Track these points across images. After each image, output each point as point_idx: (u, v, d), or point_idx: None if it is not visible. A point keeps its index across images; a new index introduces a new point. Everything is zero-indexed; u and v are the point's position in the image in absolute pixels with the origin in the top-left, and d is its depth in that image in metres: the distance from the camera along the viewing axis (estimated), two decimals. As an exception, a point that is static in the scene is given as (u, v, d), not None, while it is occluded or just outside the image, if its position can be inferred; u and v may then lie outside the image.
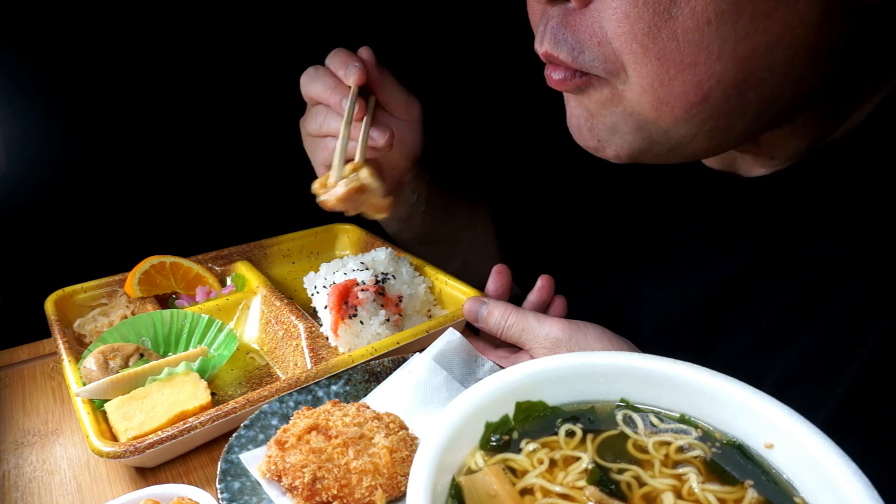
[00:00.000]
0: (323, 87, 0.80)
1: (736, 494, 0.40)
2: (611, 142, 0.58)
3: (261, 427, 0.63)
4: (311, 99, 0.84)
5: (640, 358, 0.48)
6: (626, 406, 0.48)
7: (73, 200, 1.15)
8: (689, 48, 0.47)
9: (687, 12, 0.46)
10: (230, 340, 0.79)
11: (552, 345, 0.69)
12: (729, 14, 0.45)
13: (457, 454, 0.43)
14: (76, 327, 0.83)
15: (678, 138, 0.54)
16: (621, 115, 0.55)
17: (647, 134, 0.55)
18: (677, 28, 0.46)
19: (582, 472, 0.42)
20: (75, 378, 0.69)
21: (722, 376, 0.45)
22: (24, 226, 1.11)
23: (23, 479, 0.64)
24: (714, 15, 0.45)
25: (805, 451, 0.39)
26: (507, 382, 0.46)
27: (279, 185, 1.32)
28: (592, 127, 0.59)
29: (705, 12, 0.45)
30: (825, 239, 0.61)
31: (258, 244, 1.04)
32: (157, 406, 0.65)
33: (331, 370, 0.71)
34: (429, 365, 0.69)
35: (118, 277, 0.89)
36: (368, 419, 0.61)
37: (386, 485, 0.55)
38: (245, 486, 0.57)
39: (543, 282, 0.81)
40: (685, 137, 0.54)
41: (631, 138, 0.56)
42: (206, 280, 0.92)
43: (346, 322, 0.77)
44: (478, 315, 0.76)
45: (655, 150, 0.57)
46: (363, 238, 1.09)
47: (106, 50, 1.09)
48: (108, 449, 0.59)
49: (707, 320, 0.71)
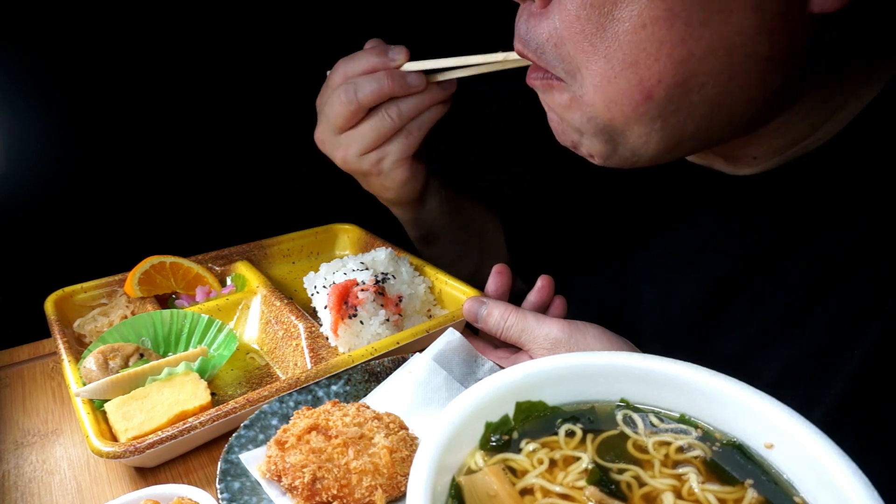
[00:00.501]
0: (375, 63, 0.80)
1: (736, 494, 0.40)
2: (581, 142, 0.62)
3: (261, 427, 0.63)
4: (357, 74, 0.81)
5: (640, 358, 0.48)
6: (626, 406, 0.48)
7: (73, 200, 1.15)
8: (630, 48, 0.51)
9: (626, 15, 0.50)
10: (230, 340, 0.79)
11: (551, 345, 0.70)
12: (664, 20, 0.49)
13: (457, 454, 0.43)
14: (76, 327, 0.83)
15: (634, 139, 0.58)
16: (581, 120, 0.59)
17: (608, 137, 0.59)
18: (619, 29, 0.51)
19: (582, 472, 0.42)
20: (75, 378, 0.69)
21: (722, 376, 0.45)
22: (24, 226, 1.11)
23: (23, 479, 0.64)
24: (649, 19, 0.50)
25: (805, 450, 0.39)
26: (507, 382, 0.46)
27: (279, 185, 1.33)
28: (564, 129, 0.63)
29: (641, 16, 0.50)
30: (822, 238, 0.61)
31: (258, 244, 1.04)
32: (157, 406, 0.65)
33: (331, 370, 0.71)
34: (429, 365, 0.69)
35: (118, 277, 0.89)
36: (368, 419, 0.61)
37: (386, 485, 0.55)
38: (245, 486, 0.57)
39: (543, 282, 0.81)
40: (640, 138, 0.57)
41: (595, 141, 0.60)
42: (206, 280, 0.92)
43: (346, 322, 0.77)
44: (477, 315, 0.76)
45: (620, 154, 0.60)
46: (363, 238, 1.09)
47: (106, 50, 1.09)
48: (108, 449, 0.59)
49: (703, 319, 0.71)
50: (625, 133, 0.57)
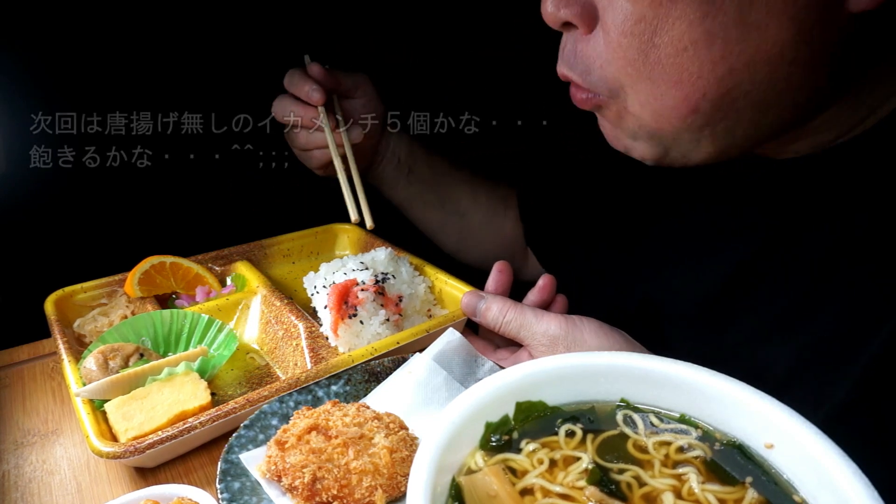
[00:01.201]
0: (295, 112, 0.94)
1: (736, 494, 0.40)
2: (635, 146, 0.65)
3: (261, 427, 0.63)
4: (288, 122, 0.97)
5: (640, 358, 0.48)
6: (626, 406, 0.48)
7: (73, 200, 1.15)
8: (673, 70, 0.54)
9: (667, 41, 0.53)
10: (230, 340, 0.79)
11: (549, 342, 0.70)
12: (703, 42, 0.52)
13: (457, 454, 0.43)
14: (76, 327, 0.82)
15: (685, 143, 0.60)
16: (633, 127, 0.62)
17: (659, 141, 0.61)
18: (661, 54, 0.54)
19: (582, 473, 0.42)
20: (75, 378, 0.69)
21: (722, 376, 0.45)
22: (24, 226, 1.11)
23: (23, 479, 0.64)
24: (690, 42, 0.52)
25: (805, 451, 0.39)
26: (507, 382, 0.46)
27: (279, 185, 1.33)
28: (618, 136, 0.66)
29: (682, 40, 0.52)
30: (835, 231, 0.62)
31: (258, 244, 1.04)
32: (157, 406, 0.65)
33: (331, 370, 0.71)
34: (429, 365, 0.69)
35: (118, 277, 0.89)
36: (368, 419, 0.61)
37: (386, 485, 0.55)
38: (245, 486, 0.57)
39: (544, 281, 0.81)
40: (691, 142, 0.60)
41: (648, 144, 0.63)
42: (206, 280, 0.92)
43: (346, 322, 0.77)
44: (476, 309, 0.76)
45: (672, 155, 0.63)
46: (363, 238, 1.09)
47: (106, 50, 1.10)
48: (108, 449, 0.59)
49: (718, 307, 0.72)
50: (675, 139, 0.60)
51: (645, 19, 0.53)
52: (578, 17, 0.58)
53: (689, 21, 0.51)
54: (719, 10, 0.50)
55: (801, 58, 0.52)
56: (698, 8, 0.51)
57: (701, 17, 0.51)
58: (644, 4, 0.52)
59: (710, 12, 0.51)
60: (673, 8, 0.51)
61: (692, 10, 0.51)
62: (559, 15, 0.59)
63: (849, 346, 0.58)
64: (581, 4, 0.57)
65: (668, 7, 0.52)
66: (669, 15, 0.52)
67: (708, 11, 0.51)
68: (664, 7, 0.52)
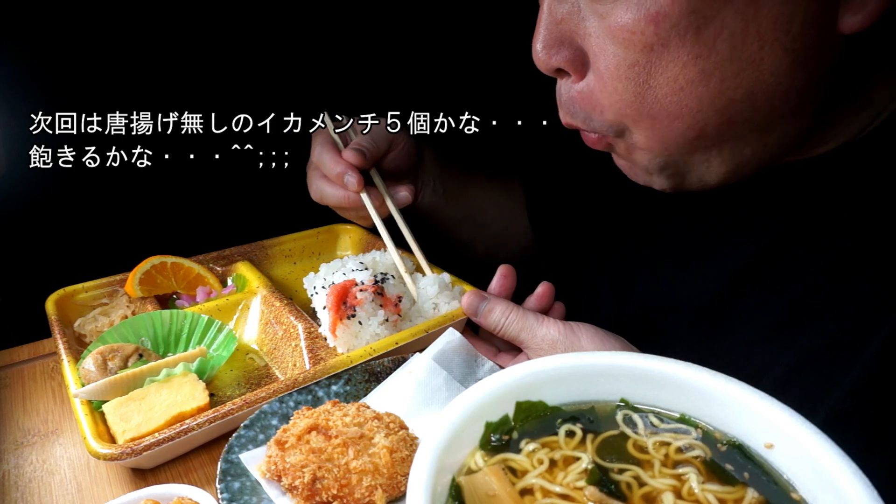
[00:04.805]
0: (336, 196, 0.90)
1: (736, 494, 0.40)
2: (653, 179, 0.66)
3: (261, 427, 0.63)
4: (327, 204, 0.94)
5: (640, 358, 0.48)
6: (626, 406, 0.48)
7: (73, 200, 1.15)
8: (672, 107, 0.55)
9: (662, 82, 0.53)
10: (229, 341, 0.79)
11: (549, 346, 0.70)
12: (699, 80, 0.52)
13: (457, 454, 0.43)
14: (76, 327, 0.83)
15: (697, 165, 0.61)
16: (645, 159, 0.63)
17: (674, 170, 0.62)
18: (657, 94, 0.54)
19: (582, 473, 0.42)
20: (74, 379, 0.69)
21: (722, 376, 0.45)
22: (24, 226, 1.11)
23: (23, 479, 0.64)
24: (686, 82, 0.53)
25: (805, 451, 0.39)
26: (507, 382, 0.46)
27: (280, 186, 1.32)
28: (636, 173, 0.67)
29: (678, 81, 0.53)
30: (835, 235, 0.62)
31: (259, 244, 1.04)
32: (155, 407, 0.65)
33: (329, 371, 0.71)
34: (429, 365, 0.69)
35: (119, 277, 0.89)
36: (368, 419, 0.61)
37: (386, 485, 0.55)
38: (245, 486, 0.57)
39: (543, 289, 0.81)
40: (702, 163, 0.61)
41: (662, 178, 0.64)
42: (207, 280, 0.92)
43: (345, 322, 0.77)
44: (478, 310, 0.76)
45: (689, 181, 0.63)
46: (365, 238, 1.09)
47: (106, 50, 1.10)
48: (105, 451, 0.59)
49: (717, 311, 0.72)
50: (687, 163, 0.61)
51: (638, 64, 0.53)
52: (569, 63, 0.58)
53: (683, 63, 0.52)
54: (712, 50, 0.51)
55: (798, 83, 0.53)
56: (691, 50, 0.51)
57: (695, 58, 0.51)
58: (636, 50, 0.52)
59: (702, 53, 0.51)
60: (665, 52, 0.52)
61: (685, 52, 0.51)
62: (551, 62, 0.59)
63: (848, 348, 0.58)
64: (572, 50, 0.58)
65: (660, 51, 0.52)
66: (662, 58, 0.52)
67: (700, 53, 0.51)
68: (656, 52, 0.52)
